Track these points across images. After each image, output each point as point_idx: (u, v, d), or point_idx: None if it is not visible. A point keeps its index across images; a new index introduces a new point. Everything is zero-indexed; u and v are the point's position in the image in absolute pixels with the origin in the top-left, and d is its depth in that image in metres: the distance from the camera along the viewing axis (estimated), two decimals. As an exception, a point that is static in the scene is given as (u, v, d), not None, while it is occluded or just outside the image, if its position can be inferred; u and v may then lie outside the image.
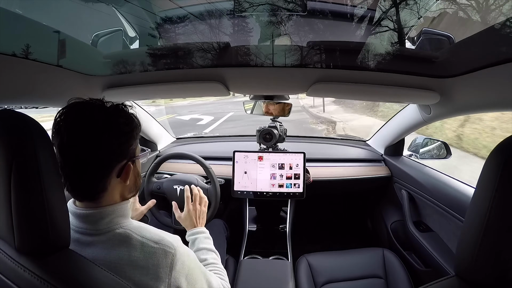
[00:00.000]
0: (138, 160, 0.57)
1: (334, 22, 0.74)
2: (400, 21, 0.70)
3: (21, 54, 0.57)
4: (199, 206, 0.86)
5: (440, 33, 0.70)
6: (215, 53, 0.73)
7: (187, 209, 0.84)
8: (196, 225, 0.82)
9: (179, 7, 0.72)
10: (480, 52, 0.60)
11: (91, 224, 0.48)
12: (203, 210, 0.86)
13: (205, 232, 0.79)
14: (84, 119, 0.46)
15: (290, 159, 1.19)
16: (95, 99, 0.50)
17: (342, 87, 0.78)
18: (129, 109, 0.53)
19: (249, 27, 0.76)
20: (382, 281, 1.03)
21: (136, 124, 0.53)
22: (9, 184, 0.36)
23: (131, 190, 0.56)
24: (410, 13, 0.69)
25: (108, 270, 0.41)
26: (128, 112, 0.53)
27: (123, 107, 0.52)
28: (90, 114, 0.47)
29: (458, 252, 0.41)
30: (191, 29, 0.77)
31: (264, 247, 1.15)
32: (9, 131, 0.37)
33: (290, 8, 0.70)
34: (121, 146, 0.50)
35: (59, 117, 0.46)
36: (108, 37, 0.76)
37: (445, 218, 1.03)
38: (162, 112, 8.52)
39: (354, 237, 1.63)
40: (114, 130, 0.48)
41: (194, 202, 0.86)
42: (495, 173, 0.36)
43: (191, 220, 0.82)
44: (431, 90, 0.77)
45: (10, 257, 0.38)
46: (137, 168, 0.57)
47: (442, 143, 1.22)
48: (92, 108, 0.48)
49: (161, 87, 0.83)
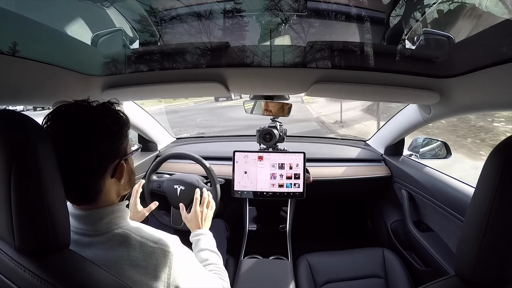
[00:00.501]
0: (131, 158, 0.57)
1: (334, 22, 0.74)
2: (400, 21, 0.70)
3: (21, 54, 0.57)
4: (206, 209, 0.87)
5: (440, 33, 0.70)
6: (215, 53, 0.73)
7: (194, 210, 0.85)
8: (201, 226, 0.82)
9: (179, 7, 0.72)
10: (480, 52, 0.60)
11: (90, 225, 0.48)
12: (210, 214, 0.88)
13: (209, 234, 0.80)
14: (71, 122, 0.45)
15: (290, 159, 1.19)
16: (80, 100, 0.49)
17: (342, 87, 0.78)
18: (116, 106, 0.52)
19: (249, 27, 0.76)
20: (382, 281, 1.03)
21: (124, 121, 0.52)
22: (9, 184, 0.36)
23: (126, 188, 0.56)
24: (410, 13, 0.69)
25: (107, 270, 0.41)
26: (115, 110, 0.51)
27: (109, 105, 0.51)
28: (77, 117, 0.46)
29: (458, 252, 0.41)
30: (191, 29, 0.77)
31: (264, 247, 1.15)
32: (9, 131, 0.37)
33: (290, 8, 0.70)
34: (112, 146, 0.49)
35: (45, 122, 0.45)
36: (108, 37, 0.76)
37: (445, 218, 1.03)
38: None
39: (354, 237, 1.63)
40: (103, 131, 0.47)
41: (202, 205, 0.87)
42: (495, 173, 0.36)
43: (197, 221, 0.83)
44: (431, 90, 0.77)
45: (10, 257, 0.38)
46: (130, 165, 0.57)
47: (442, 143, 1.22)
48: (78, 110, 0.47)
49: (161, 87, 0.83)
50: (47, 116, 0.46)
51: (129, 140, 0.55)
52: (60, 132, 0.45)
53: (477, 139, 4.06)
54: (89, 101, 0.49)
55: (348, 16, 0.72)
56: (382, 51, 0.75)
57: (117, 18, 0.75)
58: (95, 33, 0.74)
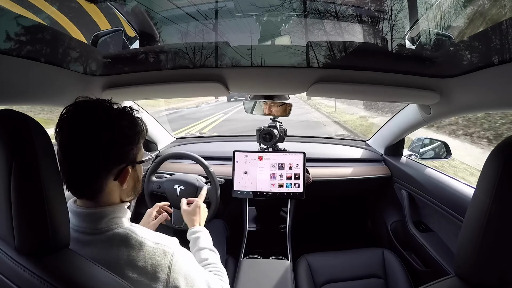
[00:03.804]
0: (140, 166, 0.56)
1: (334, 22, 0.74)
2: (400, 22, 0.70)
3: (21, 54, 0.57)
4: (206, 208, 0.89)
5: (440, 33, 0.70)
6: (215, 53, 0.73)
7: (196, 204, 0.87)
8: (199, 223, 0.83)
9: (179, 7, 0.72)
10: (480, 52, 0.60)
11: (91, 223, 0.48)
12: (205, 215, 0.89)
13: (206, 231, 0.80)
14: (87, 117, 0.46)
15: (290, 159, 1.19)
16: (103, 100, 0.50)
17: (342, 87, 0.78)
18: (136, 113, 0.52)
19: (249, 27, 0.76)
20: (382, 281, 1.03)
21: (140, 129, 0.52)
22: (9, 184, 0.36)
23: (129, 194, 0.55)
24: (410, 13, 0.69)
25: (107, 269, 0.41)
26: (133, 116, 0.52)
27: (129, 110, 0.51)
28: (93, 113, 0.47)
29: (458, 252, 0.41)
30: (191, 29, 0.77)
31: (264, 247, 1.15)
32: (9, 131, 0.37)
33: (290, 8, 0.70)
34: (122, 149, 0.49)
35: (64, 113, 0.47)
36: (108, 37, 0.76)
37: (445, 218, 1.03)
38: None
39: (354, 237, 1.63)
40: (116, 132, 0.48)
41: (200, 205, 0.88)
42: (495, 173, 0.36)
43: (196, 216, 0.84)
44: (431, 90, 0.77)
45: (10, 257, 0.38)
46: (138, 173, 0.56)
47: (442, 143, 1.22)
48: (96, 107, 0.48)
49: (161, 87, 0.83)
50: (68, 107, 0.47)
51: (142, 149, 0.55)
52: (75, 125, 0.46)
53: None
54: (110, 102, 0.50)
55: (348, 16, 0.72)
56: (382, 51, 0.75)
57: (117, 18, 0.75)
58: (95, 33, 0.74)
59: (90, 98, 0.49)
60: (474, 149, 4.05)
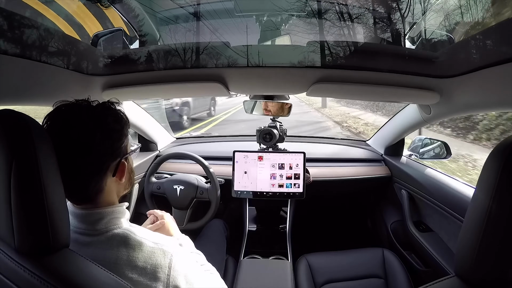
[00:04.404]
0: (130, 157, 0.57)
1: (334, 22, 0.74)
2: (400, 21, 0.70)
3: (21, 54, 0.57)
4: (170, 215, 0.81)
5: (441, 33, 0.70)
6: (215, 53, 0.73)
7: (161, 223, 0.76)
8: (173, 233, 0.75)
9: (179, 7, 0.72)
10: (480, 52, 0.60)
11: (90, 224, 0.48)
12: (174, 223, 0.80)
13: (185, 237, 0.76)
14: (73, 122, 0.46)
15: (290, 159, 1.19)
16: (80, 100, 0.49)
17: (342, 87, 0.78)
18: (116, 106, 0.52)
19: (249, 27, 0.76)
20: (382, 281, 1.03)
21: (125, 120, 0.53)
22: (9, 184, 0.36)
23: (126, 187, 0.57)
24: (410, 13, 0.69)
25: (107, 270, 0.41)
26: (116, 109, 0.52)
27: (110, 104, 0.51)
28: (78, 116, 0.46)
29: (458, 252, 0.41)
30: (191, 29, 0.77)
31: (264, 247, 1.15)
32: (9, 131, 0.37)
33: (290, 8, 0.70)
34: (114, 145, 0.49)
35: (46, 121, 0.45)
36: (108, 37, 0.76)
37: (445, 218, 1.03)
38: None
39: (354, 237, 1.63)
40: (104, 130, 0.48)
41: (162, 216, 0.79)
42: (494, 173, 0.36)
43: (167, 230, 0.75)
44: (431, 90, 0.76)
45: (10, 257, 0.38)
46: (130, 164, 0.57)
47: (442, 143, 1.22)
48: (79, 109, 0.47)
49: (161, 87, 0.83)
50: (48, 116, 0.46)
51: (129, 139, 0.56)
52: (62, 132, 0.45)
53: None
54: (89, 101, 0.49)
55: (348, 16, 0.72)
56: (382, 51, 0.75)
57: (117, 18, 0.75)
58: (95, 33, 0.74)
59: (67, 101, 0.48)
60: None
